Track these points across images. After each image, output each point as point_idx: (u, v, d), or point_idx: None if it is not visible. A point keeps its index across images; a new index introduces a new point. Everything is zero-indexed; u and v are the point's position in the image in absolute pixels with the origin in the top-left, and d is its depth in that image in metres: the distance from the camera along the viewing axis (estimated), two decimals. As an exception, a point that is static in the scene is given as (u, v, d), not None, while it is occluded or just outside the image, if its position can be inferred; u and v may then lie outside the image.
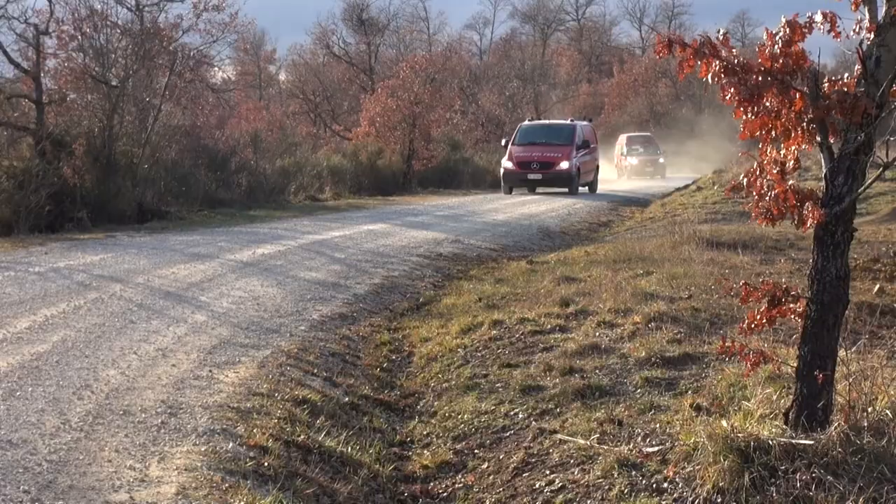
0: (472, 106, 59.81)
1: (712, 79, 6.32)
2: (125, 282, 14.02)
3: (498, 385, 9.41)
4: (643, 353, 9.52)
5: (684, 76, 6.62)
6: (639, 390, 8.64)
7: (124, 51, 28.42)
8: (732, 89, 6.28)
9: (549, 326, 11.22)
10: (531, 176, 35.97)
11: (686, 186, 35.81)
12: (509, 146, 37.13)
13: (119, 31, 28.67)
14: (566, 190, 35.92)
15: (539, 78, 79.23)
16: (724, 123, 55.47)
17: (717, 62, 6.30)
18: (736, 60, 6.30)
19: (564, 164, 35.81)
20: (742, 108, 6.35)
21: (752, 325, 6.71)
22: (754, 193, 6.62)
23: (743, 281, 6.88)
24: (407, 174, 42.80)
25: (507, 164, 36.45)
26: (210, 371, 9.45)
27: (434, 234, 21.41)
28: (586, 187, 37.95)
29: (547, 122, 41.80)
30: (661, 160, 56.92)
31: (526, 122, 40.43)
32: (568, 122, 40.01)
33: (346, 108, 65.10)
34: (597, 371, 9.28)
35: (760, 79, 6.23)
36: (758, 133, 6.44)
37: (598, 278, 13.92)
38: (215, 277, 14.70)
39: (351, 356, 10.97)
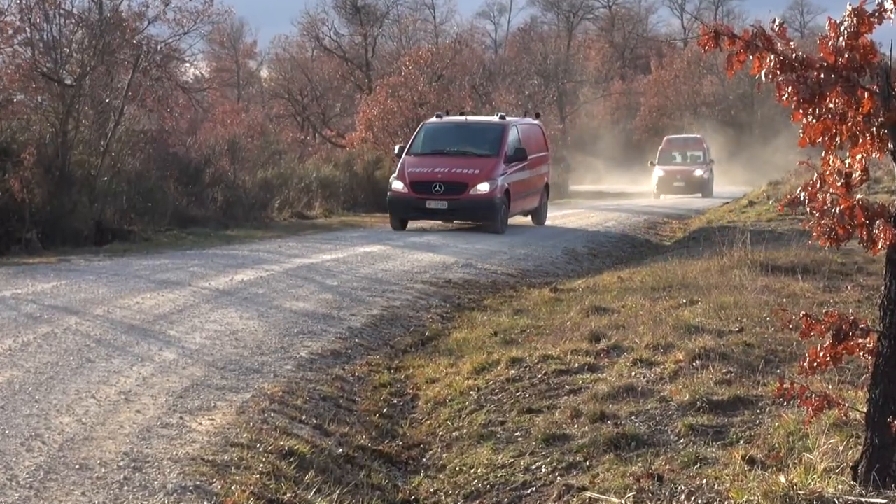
0: (486, 107, 59.95)
1: (766, 76, 6.34)
2: (81, 313, 14.04)
3: (517, 434, 9.41)
4: (687, 397, 9.51)
5: (734, 73, 6.64)
6: (682, 440, 8.62)
7: (80, 44, 28.53)
8: (790, 88, 6.30)
9: (576, 365, 11.22)
10: (432, 204, 27.06)
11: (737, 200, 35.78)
12: (402, 156, 28.80)
13: (74, 21, 28.79)
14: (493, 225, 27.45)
15: (564, 74, 79.46)
16: (784, 128, 55.29)
17: (772, 57, 6.32)
18: (794, 55, 6.32)
19: (483, 187, 26.99)
20: (801, 111, 6.36)
21: (815, 364, 6.71)
22: (815, 209, 6.62)
23: (803, 312, 6.88)
24: (410, 187, 42.84)
25: (396, 184, 27.82)
26: (181, 418, 9.45)
27: (442, 256, 21.42)
28: (528, 217, 30.77)
29: (463, 119, 31.52)
30: (700, 172, 51.51)
31: (431, 121, 31.05)
32: (495, 119, 30.81)
33: (339, 110, 65.38)
34: (632, 417, 9.27)
35: (822, 76, 6.25)
36: (820, 139, 6.45)
37: (634, 309, 13.92)
38: (187, 308, 14.72)
39: (345, 400, 10.97)
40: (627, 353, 11.38)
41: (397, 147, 30.62)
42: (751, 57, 6.35)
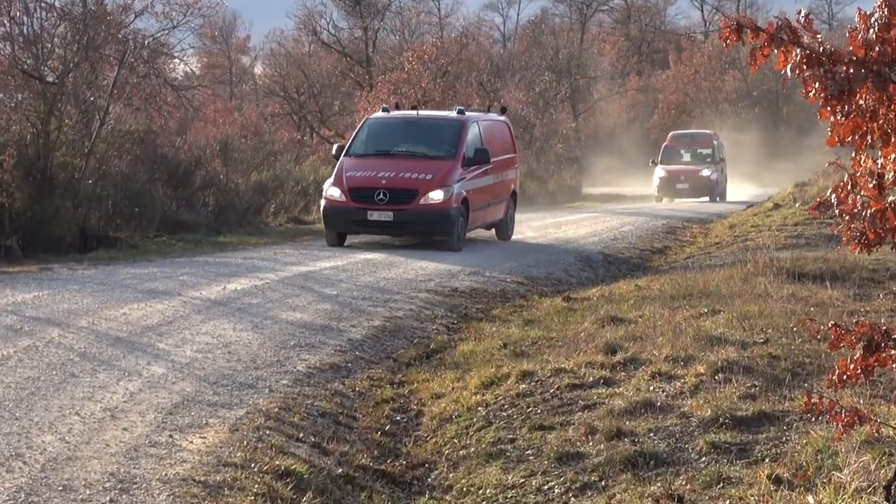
0: (495, 104, 60.02)
1: (792, 71, 6.34)
2: (65, 325, 14.05)
3: (528, 452, 9.41)
4: (708, 412, 9.51)
5: (757, 68, 6.64)
6: (703, 458, 8.63)
7: (63, 39, 28.55)
8: (817, 84, 6.29)
9: (590, 379, 11.22)
10: (374, 215, 23.93)
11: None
12: (341, 157, 25.51)
13: (56, 14, 28.81)
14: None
15: (577, 70, 79.42)
16: (812, 126, 54.90)
17: (798, 50, 6.32)
18: (821, 48, 6.32)
19: (436, 195, 24.02)
20: (829, 108, 6.36)
21: (844, 377, 6.70)
22: (845, 212, 6.62)
23: (832, 321, 6.88)
24: (413, 190, 42.82)
25: (332, 191, 24.60)
26: (170, 436, 9.46)
27: (447, 264, 21.43)
28: (492, 230, 27.46)
29: (414, 114, 28.81)
30: (707, 172, 48.79)
31: (377, 115, 27.90)
32: (452, 115, 27.30)
33: (338, 109, 65.30)
34: (651, 434, 9.27)
35: (852, 71, 6.24)
36: (849, 138, 6.44)
37: (652, 319, 13.92)
38: (176, 319, 14.73)
39: (345, 417, 10.97)
40: (645, 365, 11.39)
41: (335, 147, 27.23)
42: (775, 51, 6.35)
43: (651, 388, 10.59)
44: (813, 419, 8.71)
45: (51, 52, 28.13)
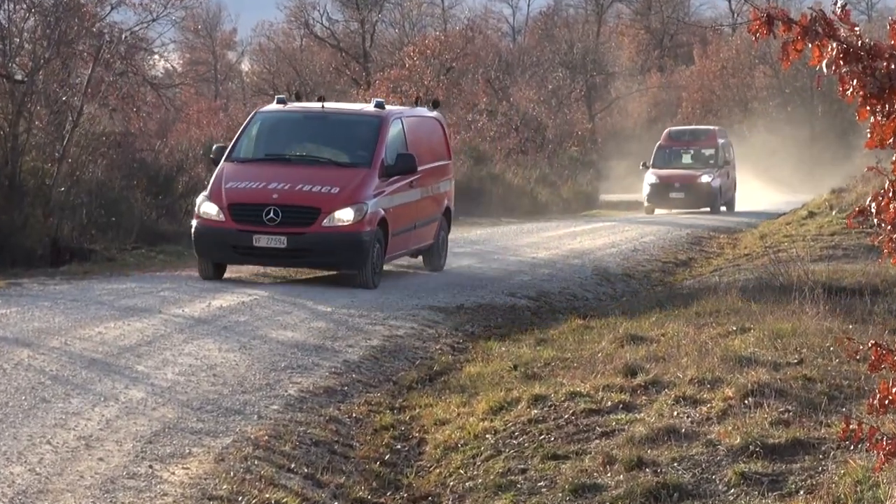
0: (503, 104, 60.02)
1: (828, 67, 6.34)
2: (35, 346, 14.04)
3: (540, 484, 9.41)
4: (737, 440, 9.51)
5: (790, 63, 6.64)
6: (732, 490, 8.62)
7: (32, 34, 28.58)
8: (855, 81, 6.29)
9: (609, 404, 11.21)
10: (262, 241, 19.92)
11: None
12: (221, 163, 21.37)
13: (25, 6, 28.85)
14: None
15: (593, 66, 79.41)
16: (851, 127, 54.49)
17: (834, 45, 6.32)
18: (860, 42, 6.32)
19: (345, 214, 20.05)
20: (868, 107, 6.36)
21: (886, 401, 6.70)
22: (885, 222, 6.61)
23: (872, 340, 6.87)
24: (415, 196, 42.76)
25: (206, 207, 20.42)
26: (150, 467, 9.46)
27: (452, 277, 21.43)
28: (418, 257, 23.21)
29: (318, 107, 23.15)
30: (707, 178, 44.25)
31: (269, 108, 23.39)
32: (369, 108, 23.30)
33: (333, 108, 65.39)
34: (675, 464, 9.27)
35: (893, 67, 6.24)
36: (890, 140, 6.44)
37: (676, 337, 13.90)
38: (157, 339, 14.73)
39: (341, 445, 10.97)
40: (668, 389, 11.38)
41: (214, 147, 23.20)
42: (809, 45, 6.35)
43: (675, 413, 10.59)
44: (852, 447, 8.70)
45: (19, 47, 28.18)
